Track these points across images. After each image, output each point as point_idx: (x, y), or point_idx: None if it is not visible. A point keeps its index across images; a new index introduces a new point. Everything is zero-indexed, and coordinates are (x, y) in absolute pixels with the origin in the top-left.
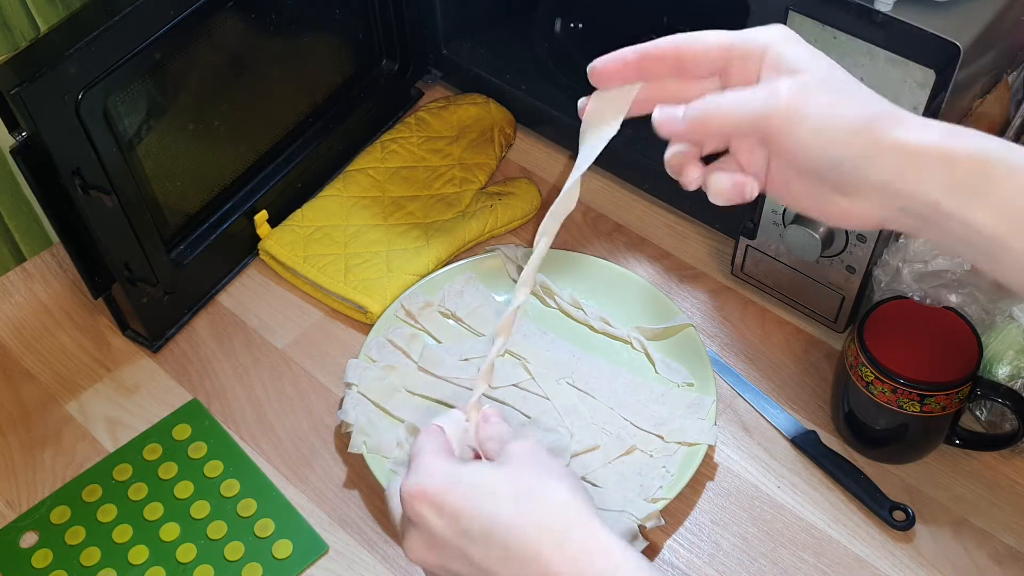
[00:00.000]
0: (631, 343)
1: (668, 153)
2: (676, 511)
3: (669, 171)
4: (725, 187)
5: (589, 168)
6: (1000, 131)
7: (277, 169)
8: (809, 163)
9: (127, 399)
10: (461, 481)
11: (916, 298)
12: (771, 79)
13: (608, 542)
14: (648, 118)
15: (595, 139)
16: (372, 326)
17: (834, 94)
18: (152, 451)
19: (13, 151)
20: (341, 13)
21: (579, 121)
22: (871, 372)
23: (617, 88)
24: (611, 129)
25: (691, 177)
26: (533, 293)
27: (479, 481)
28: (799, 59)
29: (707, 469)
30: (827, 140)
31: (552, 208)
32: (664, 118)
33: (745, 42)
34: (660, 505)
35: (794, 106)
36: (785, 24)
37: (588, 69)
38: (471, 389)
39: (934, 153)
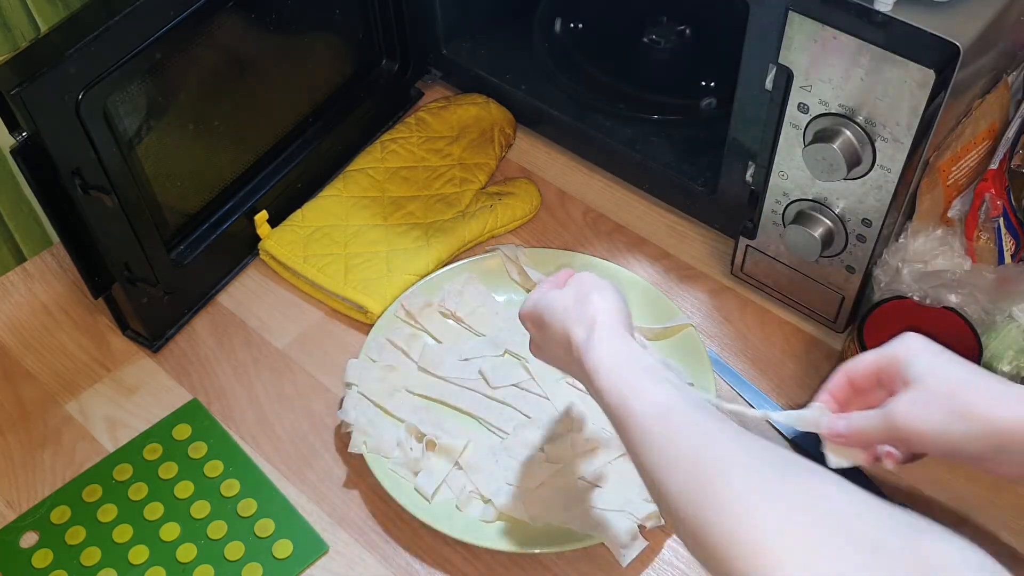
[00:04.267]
0: None
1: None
2: None
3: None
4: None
5: (590, 168)
6: (1000, 131)
7: (277, 169)
8: (941, 455)
9: (127, 399)
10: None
11: (916, 298)
12: (895, 396)
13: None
14: (652, 122)
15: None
16: (372, 326)
17: (947, 405)
18: (152, 451)
19: (13, 151)
20: (341, 13)
21: (578, 121)
22: None
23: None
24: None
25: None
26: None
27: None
28: (921, 369)
29: None
30: (949, 445)
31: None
32: (833, 427)
33: (887, 359)
34: None
35: (908, 426)
36: (784, 25)
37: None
38: (471, 389)
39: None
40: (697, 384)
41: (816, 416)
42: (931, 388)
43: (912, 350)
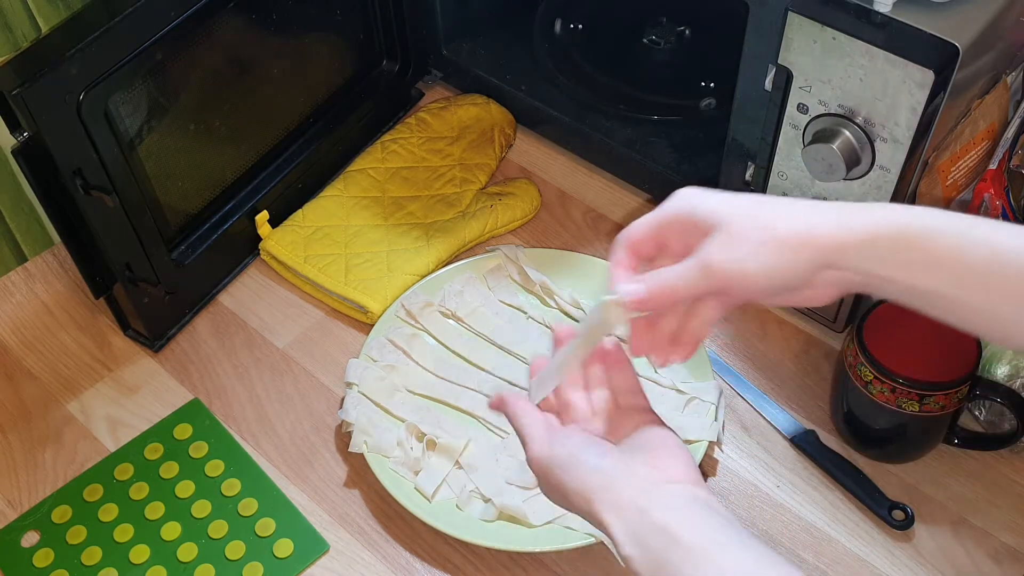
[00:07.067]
0: None
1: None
2: None
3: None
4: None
5: (590, 168)
6: (999, 131)
7: (278, 169)
8: (765, 296)
9: (128, 399)
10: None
11: None
12: (701, 246)
13: None
14: (651, 122)
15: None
16: (372, 326)
17: (756, 238)
18: (153, 451)
19: (15, 151)
20: (342, 14)
21: (578, 121)
22: (870, 372)
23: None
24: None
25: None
26: (533, 293)
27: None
28: (713, 213)
29: (707, 468)
30: (773, 282)
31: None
32: (631, 294)
33: (668, 216)
34: None
35: (730, 271)
36: (784, 26)
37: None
38: (471, 389)
39: (854, 243)
40: (697, 384)
41: (606, 312)
42: (736, 225)
43: (694, 198)
